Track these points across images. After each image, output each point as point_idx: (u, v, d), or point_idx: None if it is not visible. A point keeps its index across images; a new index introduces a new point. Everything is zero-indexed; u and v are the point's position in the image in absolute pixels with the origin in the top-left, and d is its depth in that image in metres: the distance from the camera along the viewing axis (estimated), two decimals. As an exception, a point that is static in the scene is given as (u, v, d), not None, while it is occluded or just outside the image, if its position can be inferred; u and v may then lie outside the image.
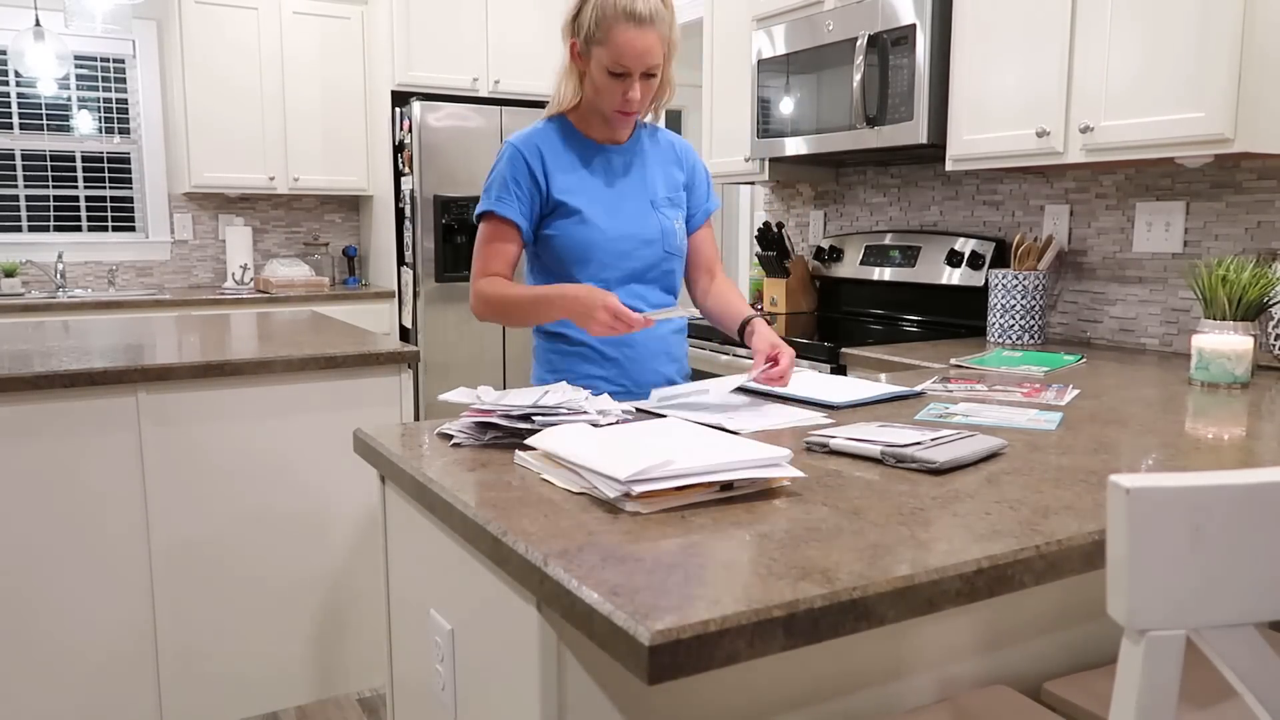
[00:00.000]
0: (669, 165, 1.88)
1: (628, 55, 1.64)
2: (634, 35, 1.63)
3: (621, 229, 1.78)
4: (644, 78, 1.69)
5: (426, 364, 4.57)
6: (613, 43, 1.64)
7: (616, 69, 1.66)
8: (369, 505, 2.53)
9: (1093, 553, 0.96)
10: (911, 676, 1.20)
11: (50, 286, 4.62)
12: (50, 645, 2.20)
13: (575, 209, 1.76)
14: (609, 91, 1.70)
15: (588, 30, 1.67)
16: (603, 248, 1.77)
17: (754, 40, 3.16)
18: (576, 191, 1.77)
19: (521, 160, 1.75)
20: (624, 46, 1.64)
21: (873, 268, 3.22)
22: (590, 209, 1.76)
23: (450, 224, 4.57)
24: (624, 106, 1.71)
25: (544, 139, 1.78)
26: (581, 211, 1.76)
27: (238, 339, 2.65)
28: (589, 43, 1.68)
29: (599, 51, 1.67)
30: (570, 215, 1.76)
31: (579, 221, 1.75)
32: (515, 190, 1.75)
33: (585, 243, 1.76)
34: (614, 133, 1.82)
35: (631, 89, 1.68)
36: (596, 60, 1.68)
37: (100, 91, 4.80)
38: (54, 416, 2.14)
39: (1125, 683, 0.72)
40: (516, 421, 1.33)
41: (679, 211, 1.87)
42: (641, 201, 1.81)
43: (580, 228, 1.75)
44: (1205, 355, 1.88)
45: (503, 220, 1.76)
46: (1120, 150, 2.16)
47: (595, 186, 1.79)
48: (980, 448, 1.25)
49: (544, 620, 0.96)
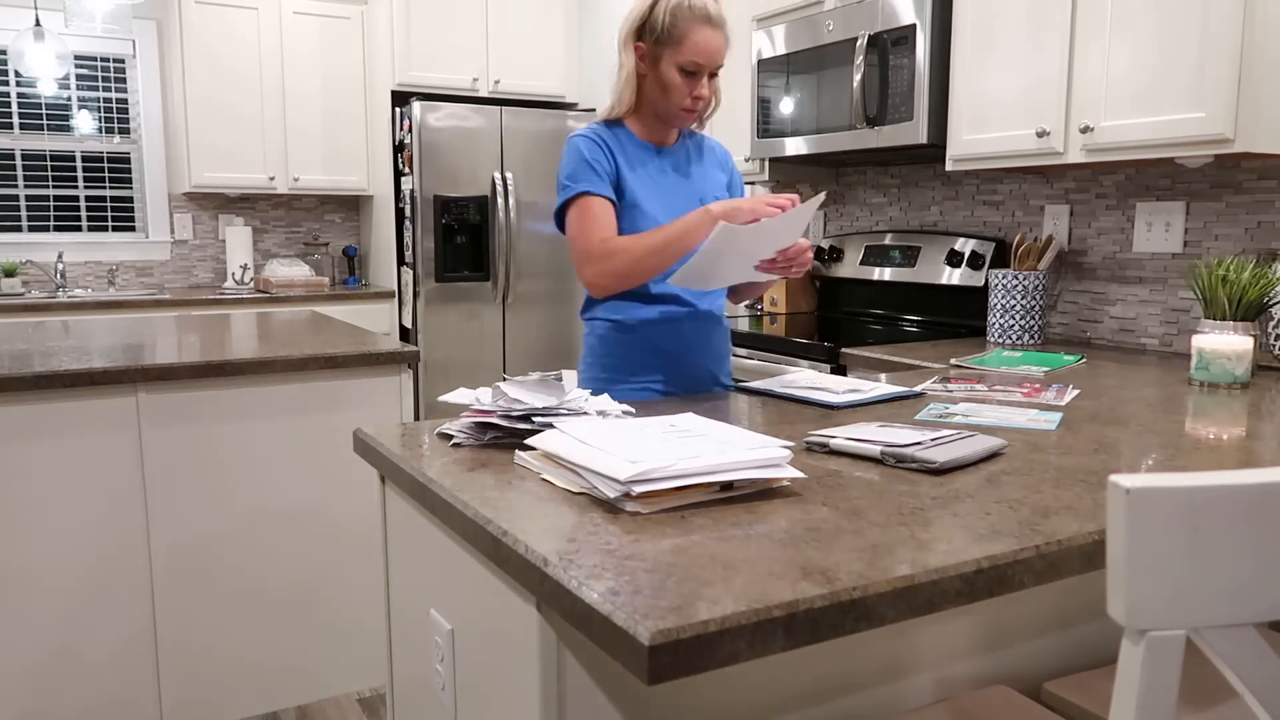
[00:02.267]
0: (713, 167, 1.97)
1: (704, 53, 1.76)
2: (710, 34, 1.77)
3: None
4: (710, 77, 1.81)
5: (426, 364, 4.57)
6: (690, 41, 1.76)
7: (691, 67, 1.77)
8: (369, 505, 2.53)
9: (1093, 553, 0.96)
10: (911, 676, 1.20)
11: (50, 286, 4.62)
12: (51, 645, 2.20)
13: (635, 200, 1.82)
14: (679, 90, 1.79)
15: (660, 31, 1.77)
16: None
17: (754, 40, 3.16)
18: (635, 180, 1.84)
19: (598, 146, 1.82)
20: (702, 44, 1.76)
21: (873, 268, 3.22)
22: (651, 207, 1.83)
23: (450, 224, 4.57)
24: (692, 105, 1.81)
25: (609, 135, 1.86)
26: (640, 206, 1.82)
27: (238, 339, 2.65)
28: (660, 44, 1.78)
29: (671, 51, 1.77)
30: (631, 206, 1.82)
31: (639, 214, 1.82)
32: (603, 170, 1.81)
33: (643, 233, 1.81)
34: (666, 135, 1.90)
35: (701, 87, 1.80)
36: (668, 60, 1.78)
37: (100, 91, 4.80)
38: (54, 416, 2.14)
39: (1125, 683, 0.72)
40: (516, 422, 1.33)
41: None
42: (692, 200, 1.88)
43: (641, 220, 1.82)
44: (1205, 355, 1.88)
45: (599, 197, 1.80)
46: (1120, 150, 2.16)
47: (651, 183, 1.86)
48: (980, 448, 1.25)
49: (544, 620, 0.96)
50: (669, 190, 1.87)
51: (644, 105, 1.86)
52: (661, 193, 1.86)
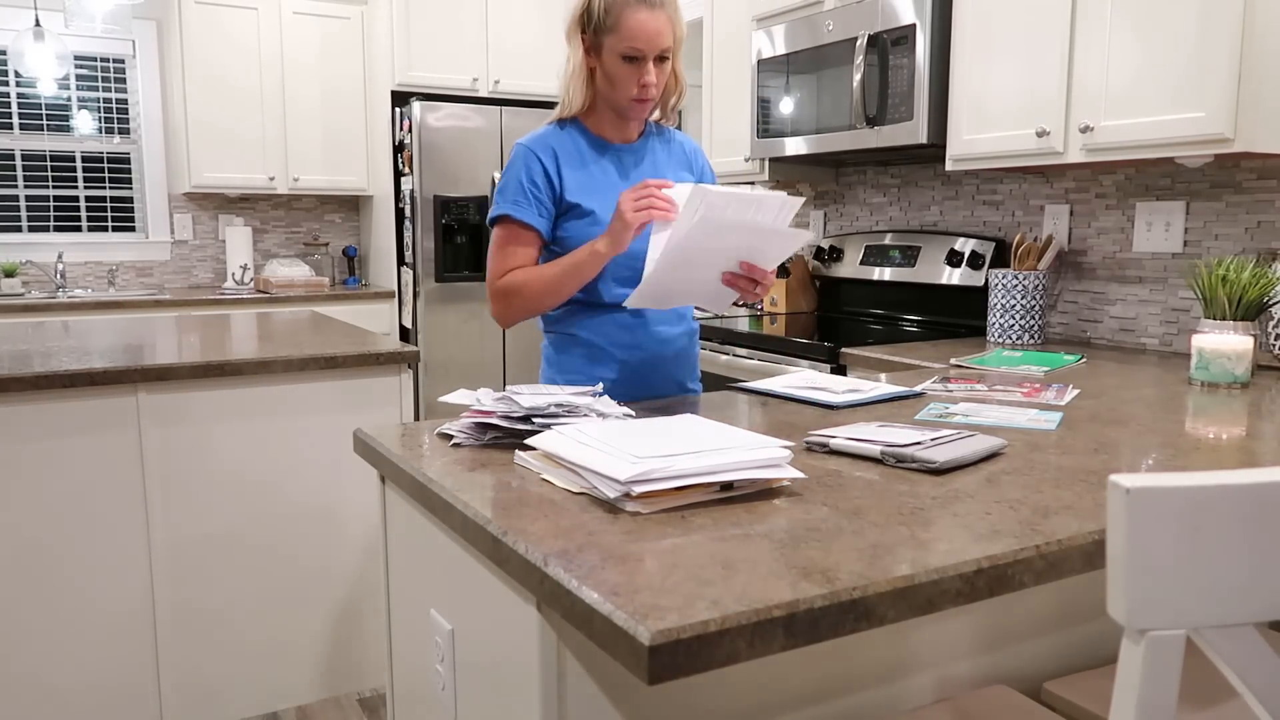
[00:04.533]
0: (679, 167, 1.88)
1: (641, 37, 1.66)
2: (646, 17, 1.66)
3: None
4: (657, 62, 1.70)
5: (426, 364, 4.57)
6: (625, 27, 1.66)
7: (631, 53, 1.67)
8: (369, 505, 2.53)
9: (1093, 553, 0.96)
10: (911, 676, 1.20)
11: (50, 286, 4.62)
12: (51, 645, 2.20)
13: (588, 210, 1.74)
14: (624, 80, 1.70)
15: (597, 20, 1.68)
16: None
17: (754, 40, 3.16)
18: (589, 192, 1.76)
19: (536, 161, 1.74)
20: (637, 29, 1.66)
21: (873, 268, 3.22)
22: (604, 210, 1.74)
23: (450, 224, 4.57)
24: (640, 94, 1.71)
25: (556, 139, 1.78)
26: (594, 212, 1.74)
27: (238, 339, 2.65)
28: (599, 33, 1.69)
29: (611, 40, 1.68)
30: (583, 216, 1.75)
31: (591, 223, 1.74)
32: (533, 192, 1.73)
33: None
34: (627, 130, 1.82)
35: (646, 74, 1.69)
36: (609, 49, 1.69)
37: (100, 91, 4.80)
38: (54, 416, 2.14)
39: (1125, 683, 0.72)
40: (516, 422, 1.33)
41: None
42: None
43: (593, 229, 1.73)
44: (1205, 355, 1.88)
45: (520, 224, 1.74)
46: (1120, 150, 2.16)
47: (608, 186, 1.77)
48: (980, 448, 1.25)
49: (544, 620, 0.96)
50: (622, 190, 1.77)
51: (599, 100, 1.77)
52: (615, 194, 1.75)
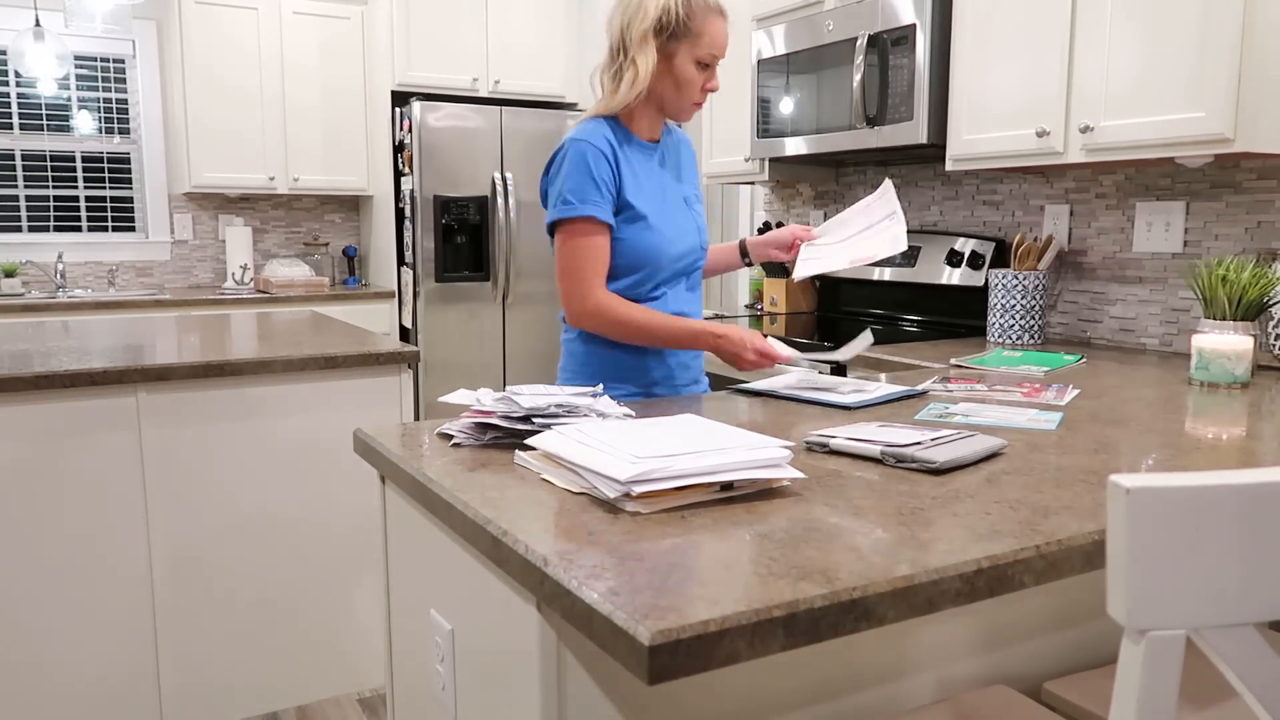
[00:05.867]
0: (688, 165, 1.93)
1: (718, 44, 1.74)
2: (722, 25, 1.74)
3: (676, 233, 1.80)
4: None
5: (426, 364, 4.57)
6: (707, 34, 1.72)
7: (708, 59, 1.74)
8: (369, 505, 2.53)
9: (1093, 553, 0.96)
10: (911, 676, 1.20)
11: (50, 286, 4.62)
12: (51, 645, 2.19)
13: (642, 213, 1.75)
14: (693, 84, 1.76)
15: (676, 26, 1.71)
16: (665, 253, 1.78)
17: (754, 40, 3.16)
18: (637, 192, 1.76)
19: (603, 159, 1.72)
20: (716, 36, 1.73)
21: (873, 267, 3.22)
22: (654, 215, 1.76)
23: (450, 224, 4.57)
24: (702, 98, 1.79)
25: (610, 136, 1.76)
26: (647, 217, 1.75)
27: (238, 339, 2.65)
28: (675, 39, 1.72)
29: (688, 44, 1.72)
30: (637, 220, 1.75)
31: (645, 227, 1.75)
32: (606, 190, 1.72)
33: (653, 249, 1.76)
34: (657, 130, 1.85)
35: (713, 78, 1.77)
36: (684, 54, 1.73)
37: (100, 91, 4.80)
38: (54, 416, 2.14)
39: (1125, 683, 0.72)
40: (516, 422, 1.33)
41: (701, 205, 1.92)
42: (678, 199, 1.84)
43: (647, 234, 1.75)
44: (1205, 355, 1.88)
45: (601, 224, 1.72)
46: (1120, 150, 2.16)
47: (650, 186, 1.79)
48: (980, 448, 1.25)
49: (544, 620, 0.96)
50: (663, 192, 1.81)
51: (647, 101, 1.78)
52: (661, 197, 1.79)
